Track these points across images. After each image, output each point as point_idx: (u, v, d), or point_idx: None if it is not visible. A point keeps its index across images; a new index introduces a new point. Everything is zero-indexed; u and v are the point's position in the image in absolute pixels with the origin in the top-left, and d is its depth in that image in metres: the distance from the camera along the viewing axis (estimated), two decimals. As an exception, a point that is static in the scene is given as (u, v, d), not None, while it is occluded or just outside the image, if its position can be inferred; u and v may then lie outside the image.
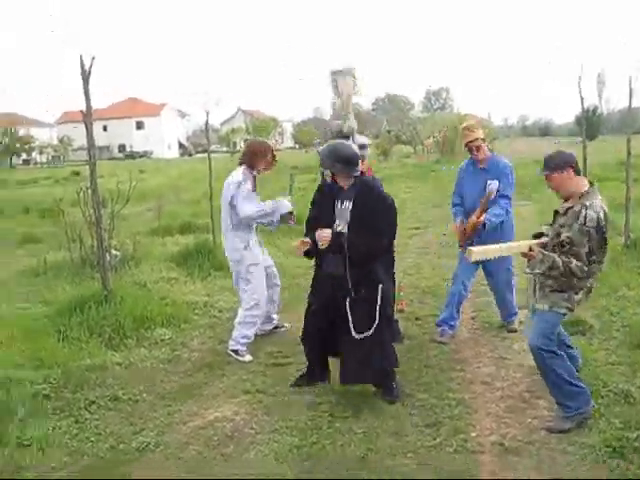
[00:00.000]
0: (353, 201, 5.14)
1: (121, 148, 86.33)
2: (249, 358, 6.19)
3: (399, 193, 19.44)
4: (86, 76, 6.79)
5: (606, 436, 4.35)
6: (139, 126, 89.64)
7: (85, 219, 8.87)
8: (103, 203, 7.76)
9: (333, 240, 5.04)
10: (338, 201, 5.21)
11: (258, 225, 6.57)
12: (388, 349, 5.19)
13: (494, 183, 6.34)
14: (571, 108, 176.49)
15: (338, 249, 5.04)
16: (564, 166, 4.50)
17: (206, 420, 4.92)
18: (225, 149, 68.28)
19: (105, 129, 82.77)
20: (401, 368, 5.74)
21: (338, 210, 5.18)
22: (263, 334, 6.79)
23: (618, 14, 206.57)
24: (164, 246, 11.80)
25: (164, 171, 38.31)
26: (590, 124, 40.48)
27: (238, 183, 6.24)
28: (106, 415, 5.06)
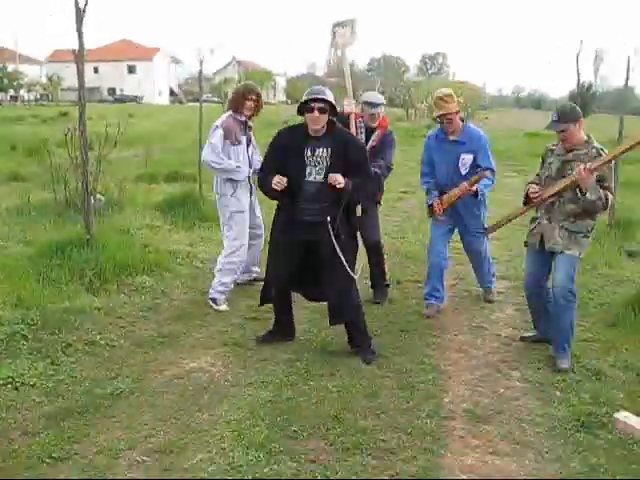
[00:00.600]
0: (331, 148, 5.00)
1: (111, 91, 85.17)
2: (224, 308, 6.23)
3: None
4: (80, 15, 6.67)
5: (575, 410, 4.42)
6: (131, 70, 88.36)
7: (71, 161, 8.78)
8: (90, 146, 7.66)
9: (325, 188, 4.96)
10: (307, 148, 5.03)
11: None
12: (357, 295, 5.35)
13: (468, 157, 6.20)
14: (566, 83, 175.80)
15: (324, 198, 4.97)
16: (578, 118, 5.00)
17: (182, 370, 4.94)
18: (217, 99, 67.48)
19: (96, 71, 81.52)
20: (379, 331, 5.80)
21: (309, 158, 5.02)
22: (242, 284, 6.80)
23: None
24: (149, 193, 11.76)
25: (154, 117, 37.92)
26: (584, 101, 40.45)
27: (214, 127, 6.32)
28: (82, 359, 5.07)
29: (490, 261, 6.80)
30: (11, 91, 71.62)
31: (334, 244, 4.98)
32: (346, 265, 5.05)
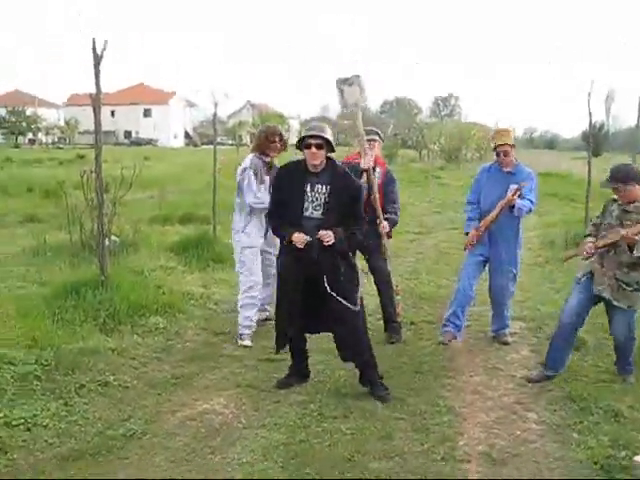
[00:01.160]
0: (330, 185, 5.04)
1: (127, 134, 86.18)
2: (248, 343, 6.26)
3: (402, 197, 19.42)
4: (97, 60, 6.78)
5: (594, 453, 4.35)
6: (146, 113, 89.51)
7: (87, 203, 8.86)
8: (106, 188, 7.74)
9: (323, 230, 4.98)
10: (307, 184, 5.06)
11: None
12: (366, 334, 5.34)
13: (516, 186, 6.29)
14: (578, 123, 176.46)
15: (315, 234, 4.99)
16: (629, 180, 5.23)
17: (195, 411, 4.91)
18: (231, 142, 68.14)
19: (113, 114, 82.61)
20: (393, 372, 5.76)
21: (307, 194, 5.04)
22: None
23: (632, 30, 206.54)
24: (164, 235, 11.80)
25: (169, 159, 38.28)
26: (597, 141, 40.53)
27: (242, 169, 6.51)
28: (95, 400, 5.05)
29: (510, 303, 6.80)
30: (29, 134, 72.73)
31: (329, 284, 5.03)
32: (344, 302, 5.04)
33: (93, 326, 6.46)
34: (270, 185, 6.51)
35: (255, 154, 6.54)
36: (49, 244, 10.06)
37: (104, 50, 6.77)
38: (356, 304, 5.14)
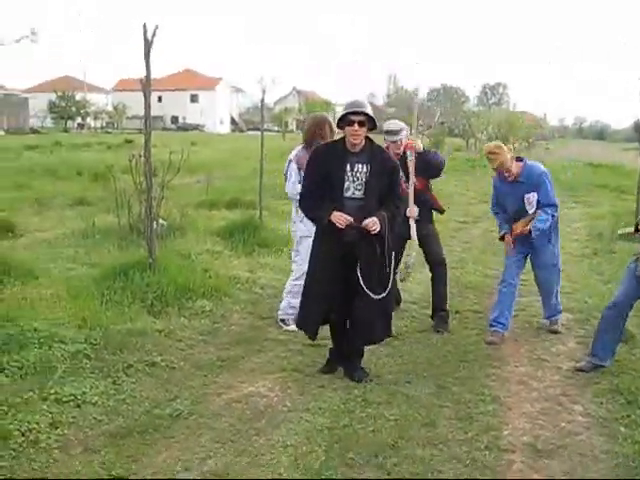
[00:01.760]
0: (370, 165, 4.98)
1: (174, 119, 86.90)
2: (293, 328, 6.28)
3: (448, 186, 19.29)
4: (148, 46, 6.86)
5: (641, 447, 4.29)
6: (193, 99, 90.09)
7: (135, 186, 8.99)
8: (154, 172, 7.84)
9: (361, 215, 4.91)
10: (347, 164, 4.96)
11: None
12: (390, 315, 5.35)
13: (532, 195, 6.24)
14: (630, 113, 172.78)
15: (358, 216, 4.92)
16: None
17: (240, 393, 4.97)
18: (277, 128, 68.35)
19: (160, 100, 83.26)
20: (437, 361, 5.74)
21: (348, 174, 4.96)
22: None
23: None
24: (210, 219, 11.92)
25: (215, 145, 38.57)
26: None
27: (289, 161, 6.54)
28: (143, 379, 5.14)
29: (559, 293, 6.75)
30: (79, 119, 73.90)
31: (361, 268, 5.00)
32: (367, 290, 5.00)
33: (141, 307, 6.57)
34: None
35: (304, 145, 6.54)
36: (98, 227, 10.25)
37: (154, 36, 6.84)
38: (380, 293, 5.07)
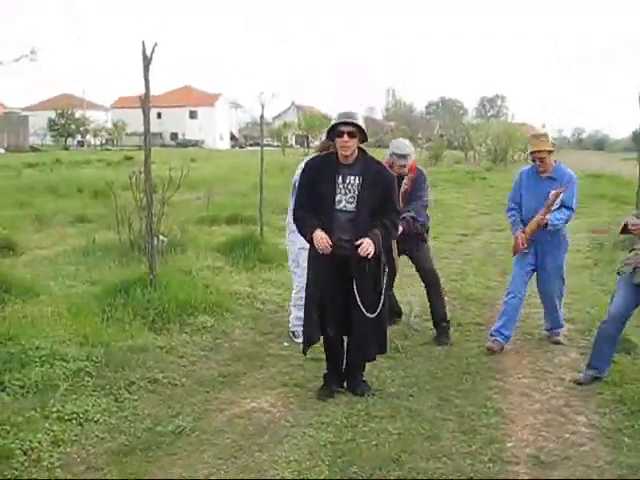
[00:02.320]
0: (362, 177, 4.91)
1: (173, 136, 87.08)
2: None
3: (448, 199, 19.33)
4: (147, 62, 6.88)
5: (646, 457, 4.28)
6: (192, 115, 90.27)
7: (136, 203, 9.00)
8: (154, 189, 7.86)
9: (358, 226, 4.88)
10: (339, 176, 4.91)
11: None
12: (385, 332, 5.25)
13: (560, 191, 6.16)
14: (629, 124, 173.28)
15: (356, 229, 4.87)
16: None
17: (243, 409, 4.96)
18: (276, 143, 68.52)
19: (159, 116, 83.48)
20: (440, 374, 5.73)
21: (339, 185, 4.91)
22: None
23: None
24: (211, 235, 11.93)
25: (215, 161, 38.64)
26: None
27: (295, 176, 6.45)
28: (145, 396, 5.14)
29: (562, 303, 6.74)
30: (78, 136, 74.11)
31: (357, 286, 4.95)
32: (362, 307, 4.95)
33: (142, 324, 6.56)
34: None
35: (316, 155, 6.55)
36: (98, 244, 10.24)
37: (153, 53, 6.87)
38: (374, 311, 5.02)
